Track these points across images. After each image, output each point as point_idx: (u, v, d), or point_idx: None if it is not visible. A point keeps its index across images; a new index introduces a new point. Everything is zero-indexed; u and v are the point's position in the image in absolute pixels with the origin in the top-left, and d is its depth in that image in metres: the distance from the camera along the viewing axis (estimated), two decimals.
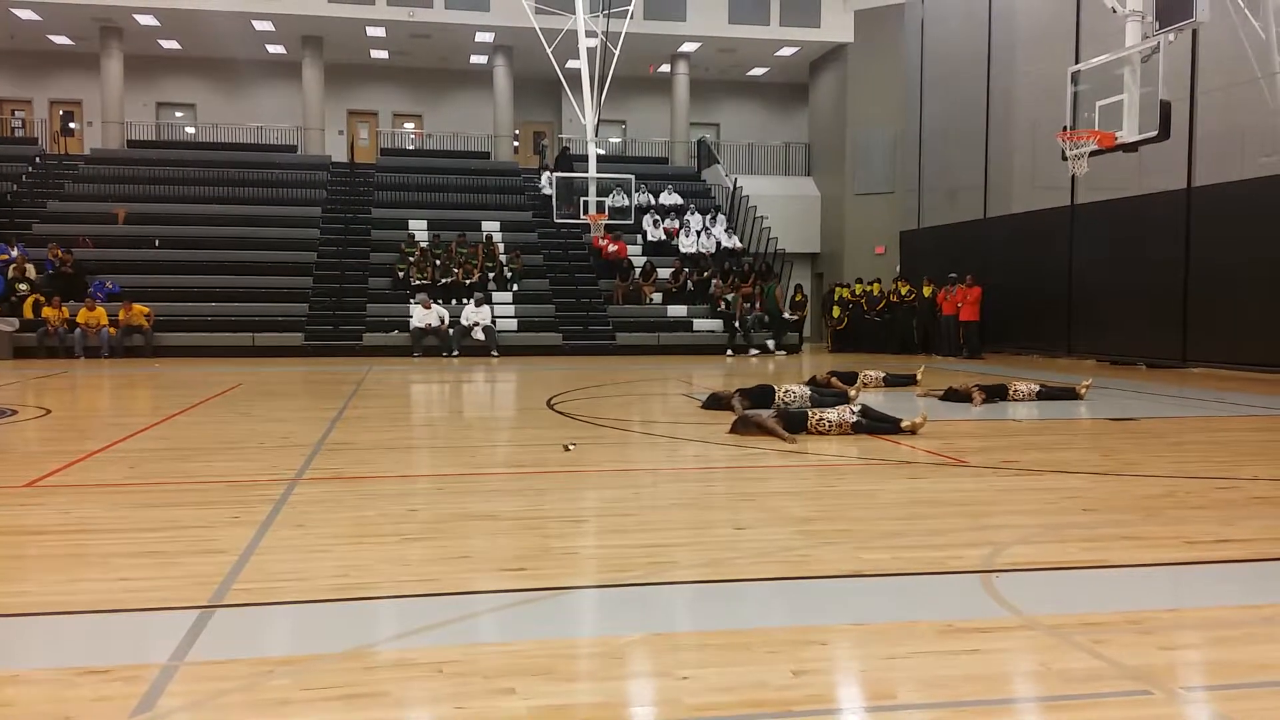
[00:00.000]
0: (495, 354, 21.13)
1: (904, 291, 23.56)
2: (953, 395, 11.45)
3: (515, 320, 22.63)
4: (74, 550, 4.77)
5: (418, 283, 22.93)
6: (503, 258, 24.42)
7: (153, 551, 4.70)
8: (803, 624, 3.71)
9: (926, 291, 22.85)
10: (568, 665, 3.27)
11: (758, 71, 33.33)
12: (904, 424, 8.72)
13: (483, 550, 4.82)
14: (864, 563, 4.53)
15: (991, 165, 23.16)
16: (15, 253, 21.41)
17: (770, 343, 22.96)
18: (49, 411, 10.92)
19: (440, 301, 22.08)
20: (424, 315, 21.34)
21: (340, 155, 30.44)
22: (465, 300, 22.32)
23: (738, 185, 28.96)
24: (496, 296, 23.18)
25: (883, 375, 13.54)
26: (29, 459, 7.77)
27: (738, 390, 10.48)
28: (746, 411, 9.18)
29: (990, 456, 7.72)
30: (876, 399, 11.50)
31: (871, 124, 28.67)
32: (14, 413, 10.75)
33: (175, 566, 4.43)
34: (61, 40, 29.56)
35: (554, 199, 24.33)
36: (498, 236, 25.66)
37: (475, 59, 31.54)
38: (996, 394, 11.51)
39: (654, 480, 6.97)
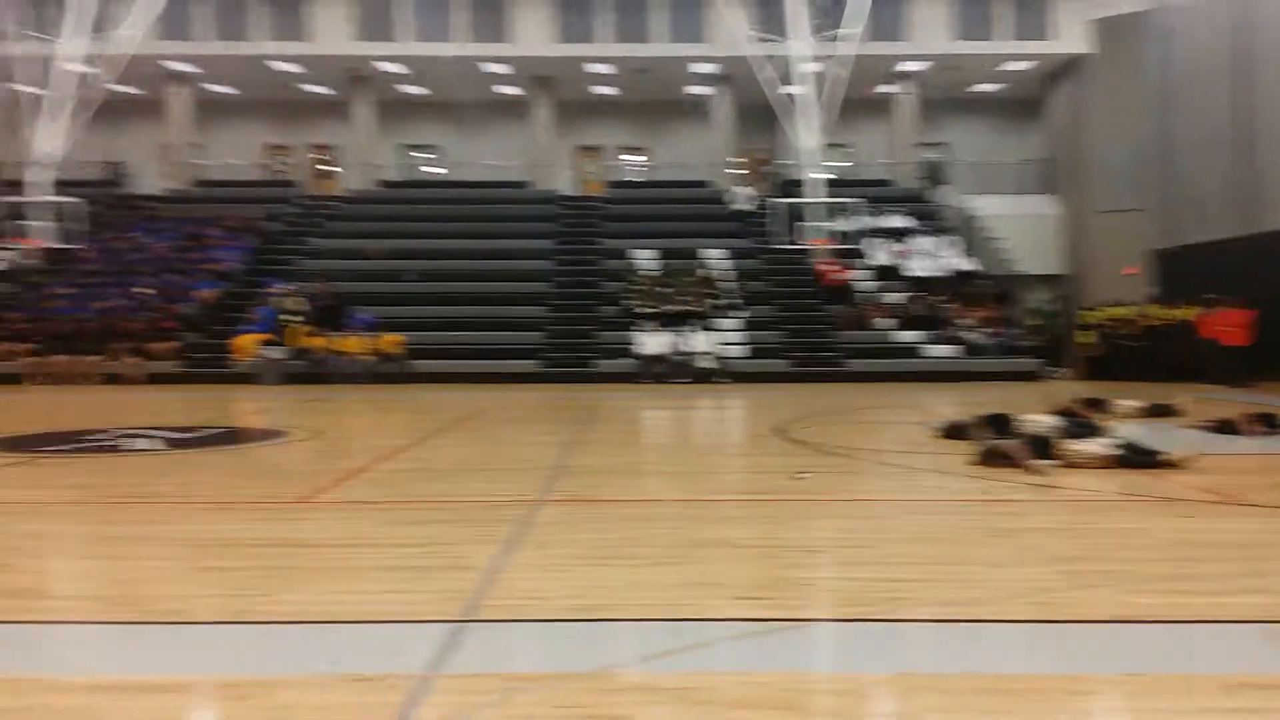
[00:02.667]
0: (722, 380, 21.22)
1: (1162, 314, 21.90)
2: (1223, 427, 10.53)
3: (742, 347, 22.66)
4: (340, 563, 5.09)
5: (645, 311, 23.39)
6: (727, 285, 24.54)
7: (411, 566, 4.96)
8: (1067, 672, 3.47)
9: (1187, 314, 21.11)
10: (809, 700, 3.19)
11: (986, 87, 32.12)
12: (1169, 458, 8.06)
13: (719, 577, 4.81)
14: (1133, 608, 4.20)
15: (1258, 177, 21.30)
16: (284, 286, 23.35)
17: (1047, 366, 22.09)
18: (315, 434, 11.78)
19: (667, 329, 22.42)
20: (651, 343, 21.74)
21: (568, 189, 31.54)
22: (691, 327, 22.57)
23: (968, 205, 27.95)
24: (722, 323, 23.30)
25: (1141, 405, 12.63)
26: (299, 477, 8.40)
27: (979, 418, 10.00)
28: (994, 441, 8.73)
29: (1271, 495, 7.04)
30: (1135, 430, 10.73)
31: (1113, 137, 27.04)
32: (286, 434, 11.68)
33: (431, 580, 4.66)
34: (318, 90, 32.16)
35: (772, 223, 24.22)
36: (722, 264, 25.82)
37: (694, 89, 31.98)
38: (1273, 425, 10.50)
39: (892, 511, 6.76)
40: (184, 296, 23.38)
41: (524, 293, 24.56)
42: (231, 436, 11.94)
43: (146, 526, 6.08)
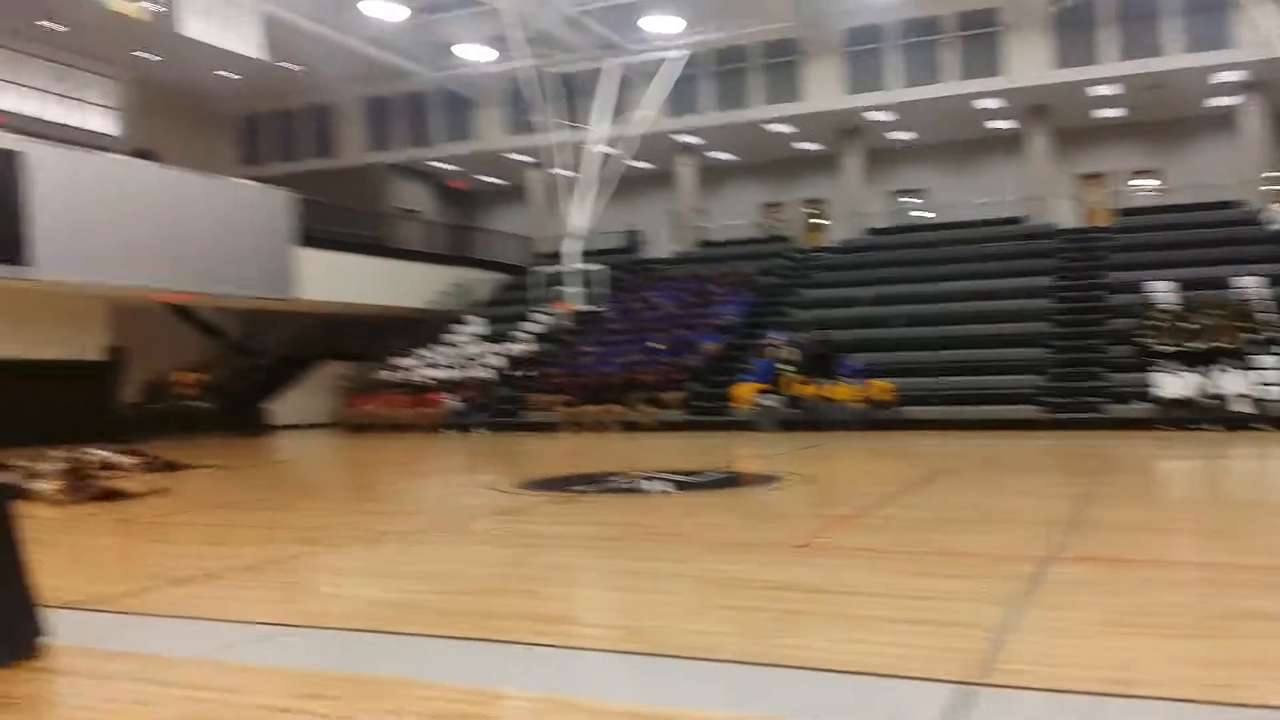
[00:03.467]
0: (1261, 427, 18.44)
1: None
2: None
3: None
4: (841, 610, 5.04)
5: (1163, 349, 21.07)
6: (1266, 316, 21.36)
7: (913, 619, 4.78)
8: None
9: None
10: None
11: None
12: None
13: (1265, 655, 4.08)
14: None
15: None
16: (777, 337, 24.25)
17: None
18: (810, 479, 11.98)
19: (1192, 369, 19.99)
20: (1172, 385, 19.50)
21: (1068, 222, 29.52)
22: (1222, 366, 19.91)
23: None
24: (1261, 361, 20.28)
25: None
26: (796, 521, 8.55)
27: None
28: None
29: None
30: None
31: None
32: (783, 479, 12.01)
33: (934, 636, 4.45)
34: (808, 146, 33.22)
35: None
36: (1260, 292, 22.54)
37: (1216, 101, 28.50)
38: None
39: None
40: (690, 349, 25.14)
41: (1021, 333, 23.25)
42: (732, 481, 12.50)
43: (661, 563, 6.49)
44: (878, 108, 29.40)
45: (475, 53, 30.31)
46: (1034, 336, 23.03)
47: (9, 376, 21.02)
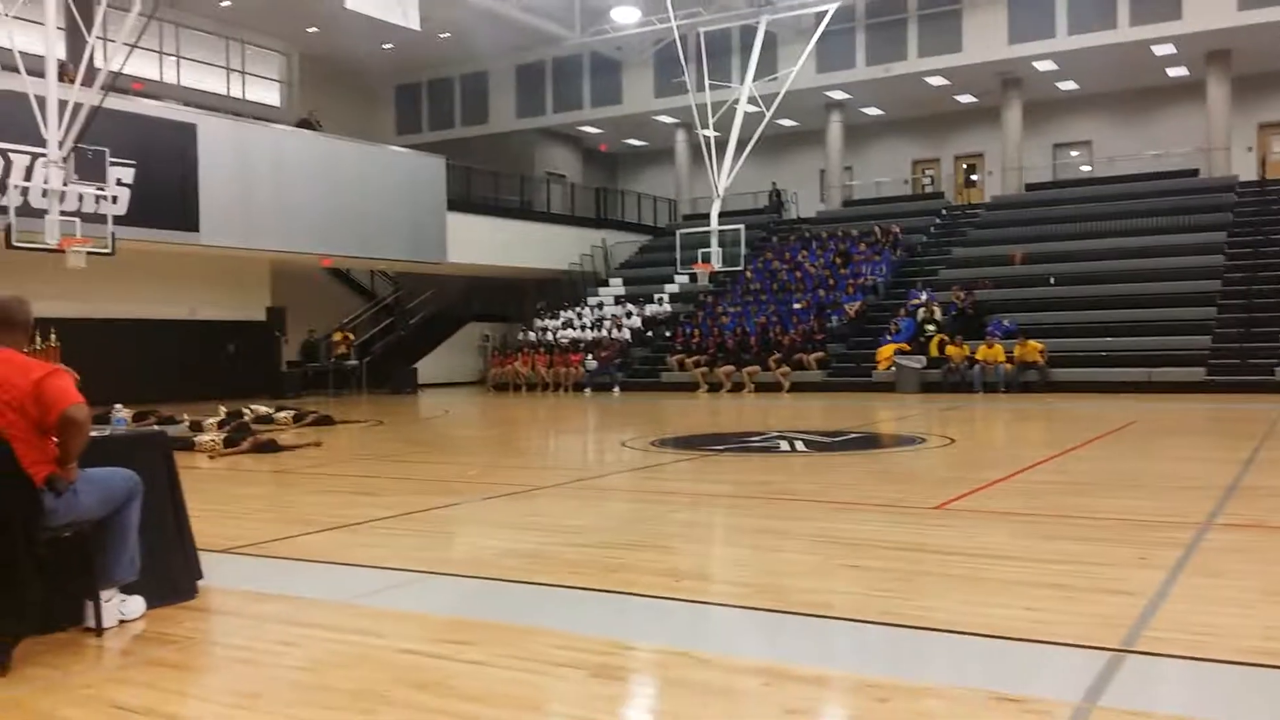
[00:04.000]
0: None
1: None
2: None
3: None
4: (976, 573, 4.89)
5: None
6: None
7: (1055, 584, 4.59)
8: None
9: None
10: None
11: None
12: None
13: None
14: None
15: None
16: (925, 296, 23.60)
17: None
18: (953, 441, 11.66)
19: None
20: None
21: (1248, 174, 27.62)
22: None
23: None
24: None
25: None
26: (938, 483, 8.33)
27: None
28: None
29: None
30: None
31: None
32: (923, 440, 11.72)
33: (1079, 602, 4.27)
34: (965, 99, 32.00)
35: None
36: None
37: None
38: None
39: None
40: (832, 310, 24.73)
41: (1188, 293, 21.96)
42: (871, 441, 12.28)
43: (791, 522, 6.43)
44: (1042, 57, 28.03)
45: (624, 14, 30.30)
46: (1203, 296, 21.74)
47: (179, 335, 22.38)
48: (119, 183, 18.66)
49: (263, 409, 15.19)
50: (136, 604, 4.25)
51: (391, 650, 3.79)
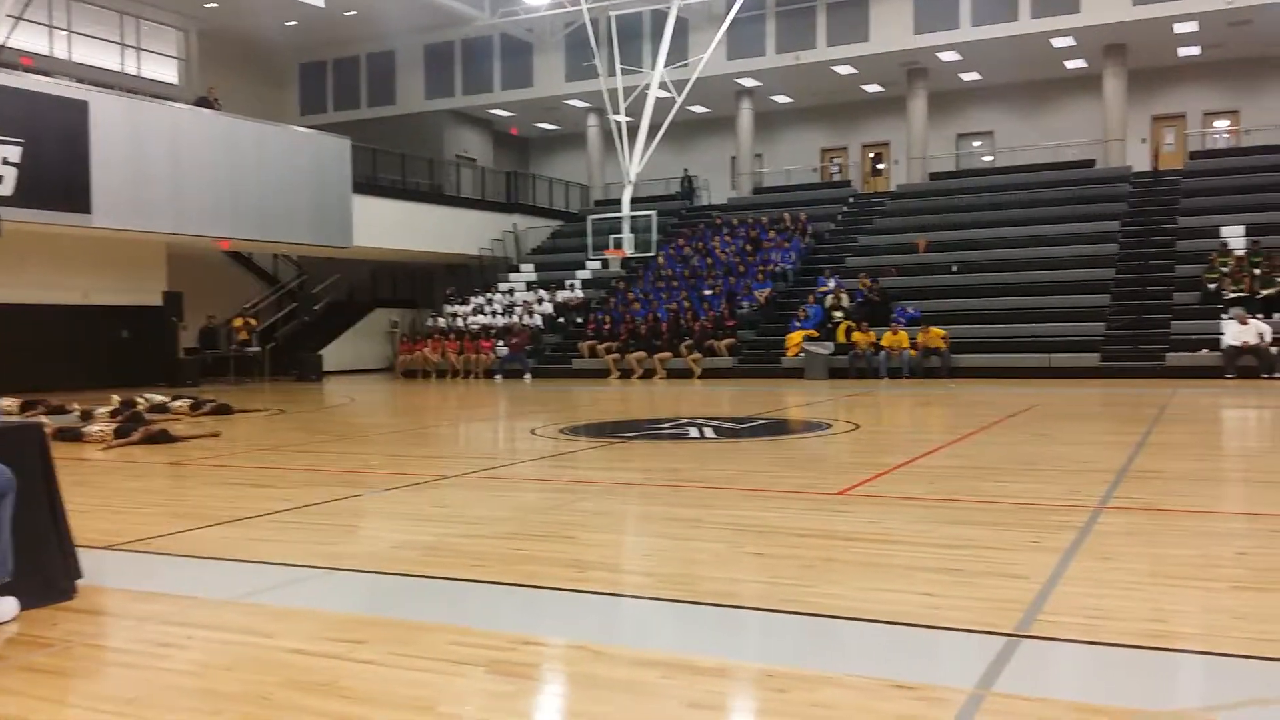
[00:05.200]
0: None
1: None
2: None
3: None
4: (877, 559, 4.93)
5: (1231, 296, 20.40)
6: None
7: (953, 569, 4.65)
8: None
9: None
10: None
11: None
12: None
13: None
14: None
15: None
16: (832, 284, 23.90)
17: None
18: (858, 426, 11.83)
19: (1260, 317, 19.34)
20: (1239, 332, 18.88)
21: (1142, 165, 28.60)
22: None
23: None
24: None
25: None
26: (841, 469, 8.42)
27: None
28: None
29: None
30: None
31: None
32: (829, 426, 11.86)
33: (977, 587, 4.33)
34: (872, 88, 32.47)
35: None
36: None
37: None
38: None
39: None
40: (742, 296, 24.89)
41: (1083, 280, 22.66)
42: (779, 428, 12.39)
43: (699, 510, 6.42)
44: (946, 47, 28.57)
45: None
46: (1097, 283, 22.44)
47: (70, 321, 21.52)
48: (5, 162, 17.86)
49: (158, 398, 14.67)
50: (9, 605, 4.04)
51: (281, 650, 3.66)
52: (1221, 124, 30.60)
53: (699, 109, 32.92)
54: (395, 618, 4.08)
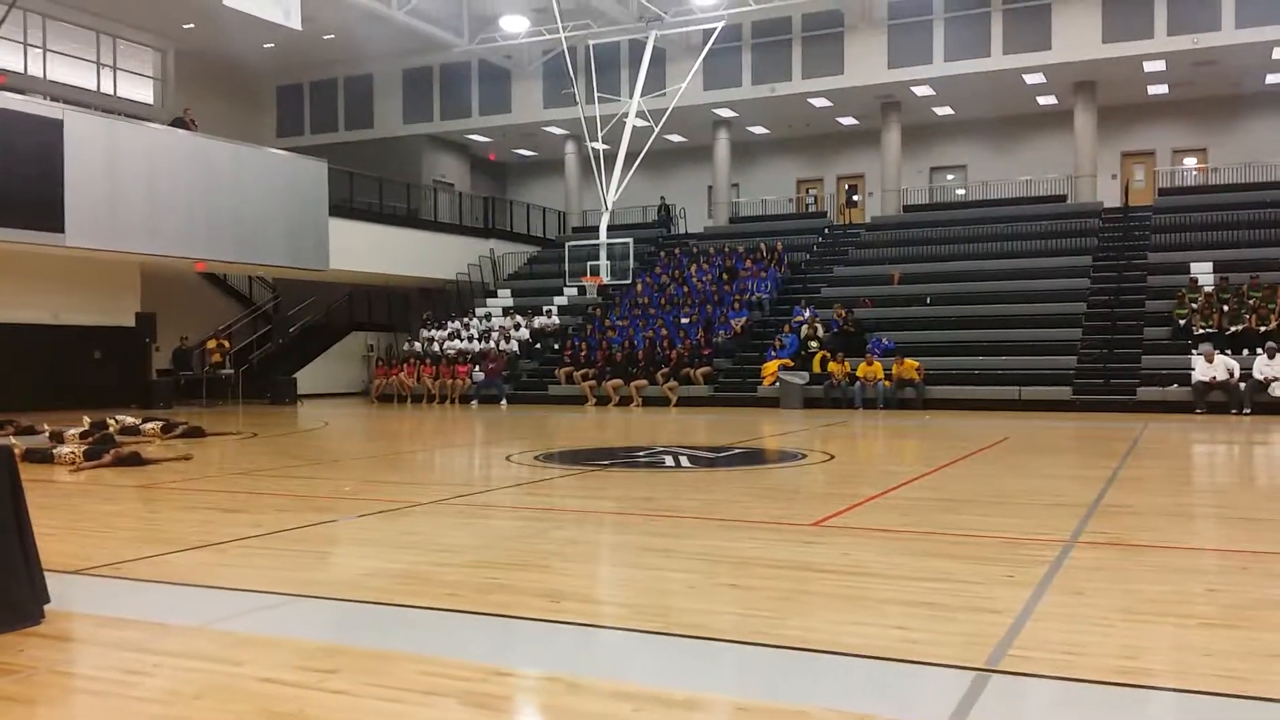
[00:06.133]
0: None
1: None
2: None
3: None
4: (851, 591, 4.94)
5: (1201, 331, 20.68)
6: None
7: (926, 602, 4.67)
8: None
9: None
10: None
11: None
12: None
13: None
14: None
15: None
16: (807, 314, 24.04)
17: None
18: (832, 457, 11.87)
19: (1228, 353, 19.60)
20: (1208, 368, 19.13)
21: (1113, 200, 29.02)
22: (1258, 351, 19.52)
23: None
24: None
25: None
26: (816, 500, 8.44)
27: None
28: None
29: None
30: None
31: None
32: (804, 456, 11.89)
33: (949, 621, 4.34)
34: (847, 121, 32.82)
35: None
36: None
37: (1272, 79, 27.84)
38: None
39: None
40: (719, 325, 24.97)
41: (1055, 314, 22.91)
42: (754, 457, 12.41)
43: (674, 540, 6.41)
44: (920, 82, 28.96)
45: (513, 23, 30.16)
46: (1068, 317, 22.68)
47: (42, 341, 21.30)
48: None
49: (129, 419, 14.53)
50: None
51: (251, 679, 3.62)
52: (1190, 161, 31.12)
53: (676, 138, 33.17)
54: (367, 647, 4.05)
